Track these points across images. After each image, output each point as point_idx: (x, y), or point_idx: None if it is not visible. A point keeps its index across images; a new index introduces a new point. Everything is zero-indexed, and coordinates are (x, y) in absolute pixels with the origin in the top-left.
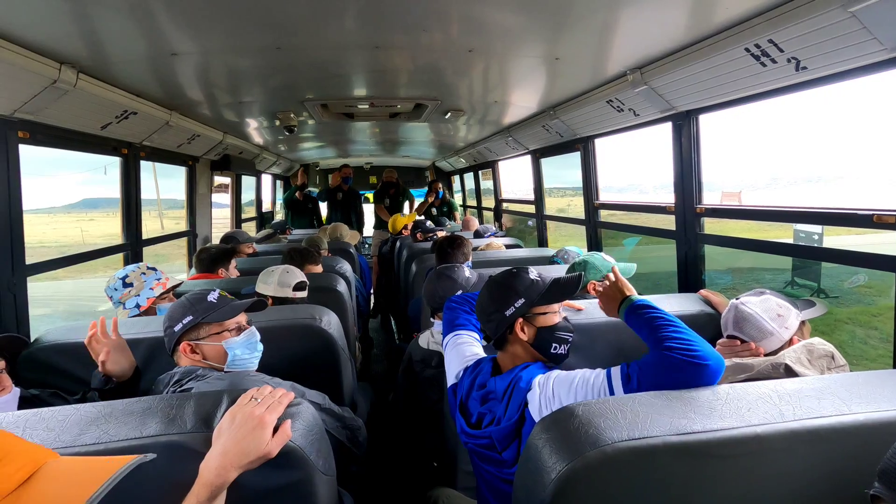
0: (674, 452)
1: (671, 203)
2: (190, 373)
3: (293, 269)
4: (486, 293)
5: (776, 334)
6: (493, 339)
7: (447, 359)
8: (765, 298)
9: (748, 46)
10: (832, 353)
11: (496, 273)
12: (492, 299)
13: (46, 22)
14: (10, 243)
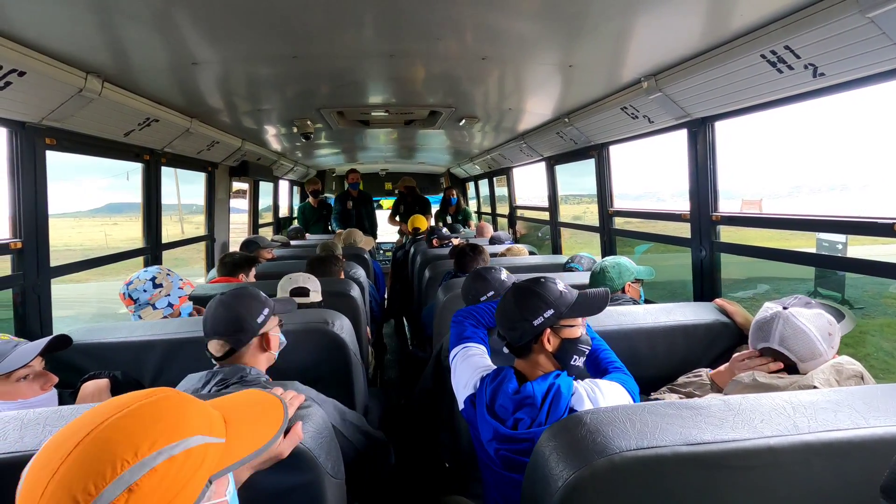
0: (684, 463)
1: (686, 211)
2: (238, 372)
3: (296, 276)
4: (512, 301)
5: (823, 356)
6: (514, 346)
7: (458, 370)
8: (818, 314)
9: (764, 53)
10: (861, 374)
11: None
12: (518, 307)
13: (74, 33)
14: (35, 246)
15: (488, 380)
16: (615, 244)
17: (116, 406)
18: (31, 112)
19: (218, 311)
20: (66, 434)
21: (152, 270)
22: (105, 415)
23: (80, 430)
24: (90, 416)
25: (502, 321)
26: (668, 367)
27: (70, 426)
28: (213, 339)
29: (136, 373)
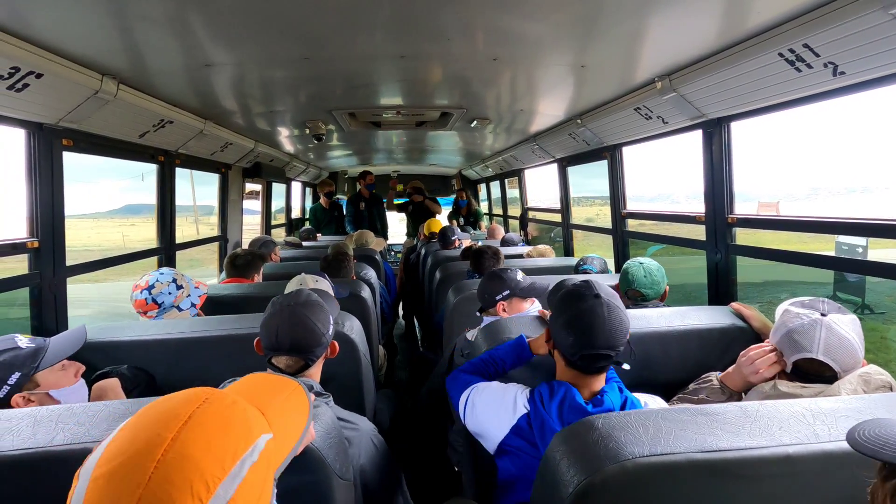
0: (698, 470)
1: (701, 213)
2: (308, 387)
3: (307, 277)
4: (622, 314)
5: (859, 364)
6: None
7: (479, 407)
8: (853, 319)
9: (782, 51)
10: (891, 384)
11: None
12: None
13: (90, 35)
14: (52, 245)
15: (543, 397)
16: (628, 246)
17: (173, 415)
18: (48, 113)
19: (295, 327)
20: (132, 457)
21: (168, 272)
22: (167, 428)
23: (148, 450)
24: (152, 433)
25: (622, 338)
26: (681, 371)
27: (127, 446)
28: (286, 355)
29: (152, 371)
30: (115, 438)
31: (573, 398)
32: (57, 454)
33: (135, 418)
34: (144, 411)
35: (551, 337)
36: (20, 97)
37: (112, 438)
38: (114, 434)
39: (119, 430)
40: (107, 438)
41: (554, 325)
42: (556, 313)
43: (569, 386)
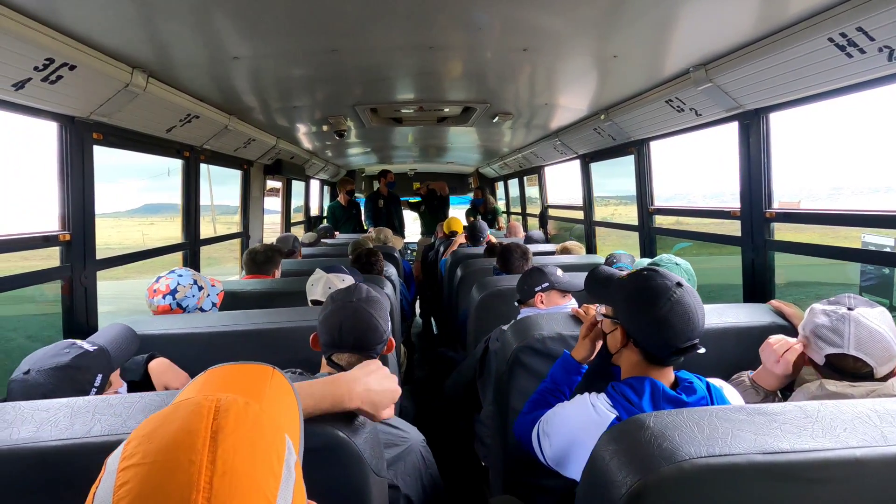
0: (760, 473)
1: (736, 208)
2: None
3: (334, 277)
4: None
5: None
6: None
7: (555, 429)
8: (882, 311)
9: (832, 36)
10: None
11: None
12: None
13: (121, 27)
14: (83, 238)
15: (628, 396)
16: (655, 243)
17: (189, 433)
18: (80, 106)
19: (359, 323)
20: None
21: (187, 273)
22: (194, 450)
23: (188, 481)
24: (184, 461)
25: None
26: (717, 371)
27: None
28: (349, 352)
29: (178, 365)
30: (126, 481)
31: (664, 390)
32: (95, 445)
33: (139, 449)
34: (146, 437)
35: (630, 336)
36: (54, 89)
37: (117, 483)
38: (112, 478)
39: (120, 469)
40: (104, 483)
41: (637, 323)
42: (638, 310)
43: (651, 379)
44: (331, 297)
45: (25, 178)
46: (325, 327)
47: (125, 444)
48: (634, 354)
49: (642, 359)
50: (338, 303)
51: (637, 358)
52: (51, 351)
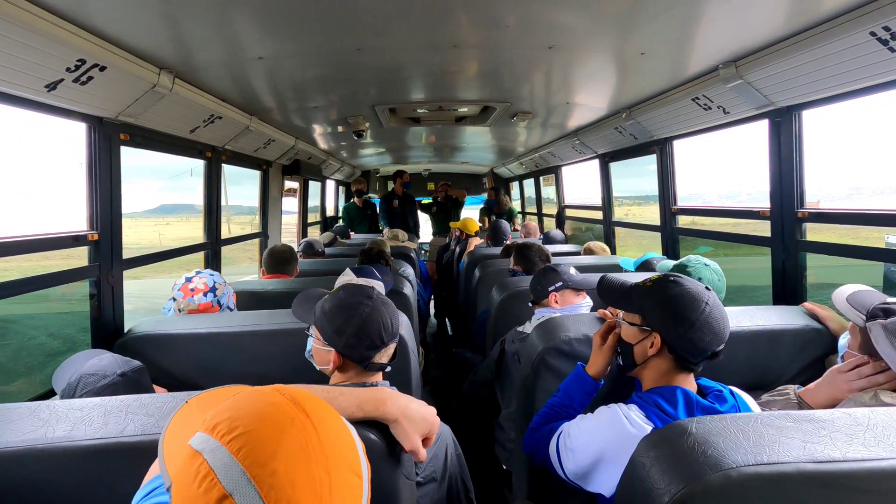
0: (810, 482)
1: (766, 208)
2: None
3: (363, 280)
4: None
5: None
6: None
7: (580, 442)
8: None
9: (874, 30)
10: None
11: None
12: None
13: (149, 27)
14: (110, 238)
15: (662, 406)
16: (678, 244)
17: (282, 408)
18: (108, 107)
19: (386, 316)
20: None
21: (216, 274)
22: (291, 413)
23: (292, 417)
24: (282, 413)
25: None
26: (750, 374)
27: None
28: (392, 342)
29: (198, 363)
30: (246, 443)
31: (696, 399)
32: (128, 444)
33: (238, 423)
34: (235, 415)
35: (666, 342)
36: (84, 90)
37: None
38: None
39: (232, 436)
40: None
41: (676, 329)
42: (677, 316)
43: (681, 388)
44: (349, 305)
45: (51, 179)
46: (368, 329)
47: (204, 429)
48: (665, 362)
49: (673, 366)
50: (366, 300)
51: (668, 366)
52: (118, 360)
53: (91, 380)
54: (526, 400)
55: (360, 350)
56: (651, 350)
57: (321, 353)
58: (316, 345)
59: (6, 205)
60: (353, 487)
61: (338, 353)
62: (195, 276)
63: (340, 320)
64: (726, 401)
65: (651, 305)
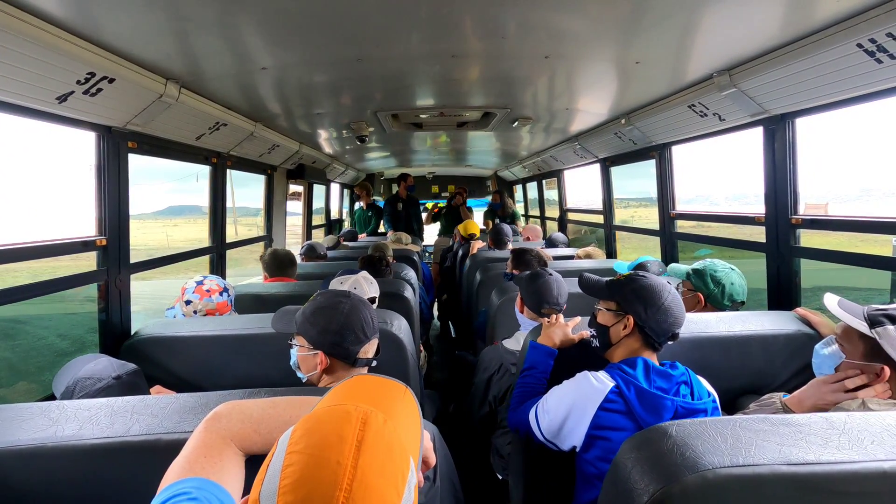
0: (784, 484)
1: (761, 213)
2: None
3: (355, 279)
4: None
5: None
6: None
7: (554, 403)
8: None
9: (861, 42)
10: None
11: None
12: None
13: (157, 41)
14: (118, 243)
15: (625, 370)
16: (677, 248)
17: (340, 439)
18: (117, 117)
19: (365, 312)
20: (319, 486)
21: (217, 277)
22: (343, 454)
23: (334, 481)
24: (332, 461)
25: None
26: (742, 379)
27: (311, 474)
28: (376, 337)
29: (203, 365)
30: (292, 463)
31: (653, 365)
32: (133, 444)
33: (302, 440)
34: (308, 431)
35: (637, 324)
36: (94, 101)
37: (285, 463)
38: (282, 456)
39: (288, 452)
40: (276, 459)
41: (647, 313)
42: (648, 302)
43: (642, 358)
44: (329, 305)
45: (60, 186)
46: (351, 324)
47: (293, 430)
48: (636, 341)
49: (642, 344)
50: (344, 299)
51: (637, 344)
52: (115, 363)
53: (87, 383)
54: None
55: (345, 346)
56: (624, 331)
57: (307, 360)
58: (301, 353)
59: (17, 210)
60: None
61: (324, 353)
62: (205, 280)
63: (323, 320)
64: (677, 368)
65: (625, 293)
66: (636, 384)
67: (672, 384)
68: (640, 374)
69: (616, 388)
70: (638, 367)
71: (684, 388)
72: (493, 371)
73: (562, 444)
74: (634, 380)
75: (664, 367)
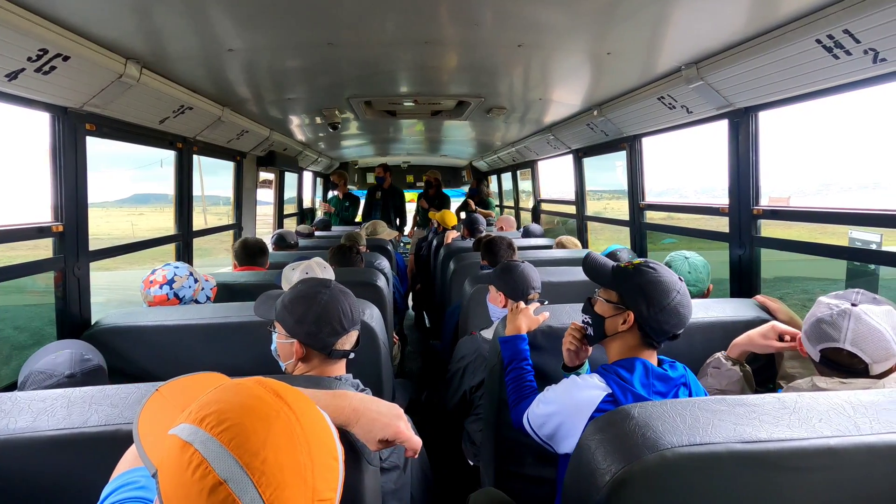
0: (738, 461)
1: (725, 204)
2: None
3: (307, 265)
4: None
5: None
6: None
7: (546, 407)
8: (888, 310)
9: (819, 37)
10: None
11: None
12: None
13: (115, 18)
14: (76, 230)
15: (621, 374)
16: (646, 239)
17: (262, 399)
18: (73, 97)
19: (345, 304)
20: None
21: (183, 266)
22: (273, 405)
23: (275, 409)
24: (264, 403)
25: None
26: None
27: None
28: (354, 329)
29: (168, 355)
30: (227, 429)
31: (652, 368)
32: (91, 435)
33: (226, 416)
34: (222, 409)
35: (637, 321)
36: (47, 80)
37: (217, 432)
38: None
39: (221, 428)
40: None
41: (651, 311)
42: (653, 300)
43: (641, 360)
44: (308, 295)
45: (16, 169)
46: (328, 315)
47: (191, 422)
48: (633, 338)
49: (640, 342)
50: (324, 289)
51: (635, 342)
52: (76, 358)
53: (38, 378)
54: (492, 390)
55: (321, 337)
56: (623, 326)
57: (285, 347)
58: (279, 339)
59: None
60: (332, 470)
61: (300, 342)
62: (160, 268)
63: (301, 310)
64: (677, 369)
65: (629, 287)
66: (633, 391)
67: (671, 387)
68: (637, 379)
69: (610, 396)
70: (636, 372)
71: (683, 390)
72: (470, 361)
73: (558, 448)
74: (632, 387)
75: (663, 370)
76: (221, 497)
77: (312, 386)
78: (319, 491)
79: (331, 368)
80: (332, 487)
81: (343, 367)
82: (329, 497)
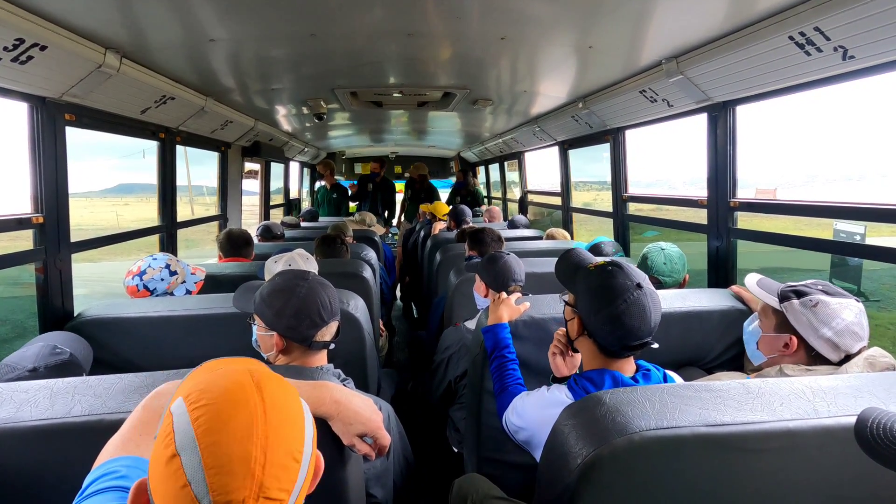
0: (702, 444)
1: (703, 197)
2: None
3: (290, 256)
4: (657, 296)
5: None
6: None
7: (522, 413)
8: (843, 303)
9: (792, 34)
10: (894, 365)
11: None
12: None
13: (94, 7)
14: (56, 221)
15: (588, 389)
16: (629, 230)
17: (238, 382)
18: (51, 87)
19: (323, 295)
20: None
21: (162, 258)
22: (244, 389)
23: (244, 393)
24: (236, 385)
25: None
26: (682, 353)
27: (220, 392)
28: (334, 320)
29: (152, 347)
30: (200, 416)
31: (621, 379)
32: (75, 425)
33: (203, 396)
34: (206, 389)
35: (585, 328)
36: (24, 70)
37: (192, 417)
38: (185, 417)
39: (191, 410)
40: (180, 421)
41: (593, 319)
42: (595, 306)
43: (610, 372)
44: (286, 288)
45: None
46: (307, 308)
47: (182, 395)
48: (591, 345)
49: (598, 352)
50: (302, 282)
51: (594, 349)
52: (44, 351)
53: (2, 370)
54: (475, 378)
55: (300, 330)
56: (577, 332)
57: (265, 340)
58: (259, 332)
59: None
60: (288, 470)
61: (280, 335)
62: (141, 259)
63: (279, 303)
64: (651, 379)
65: (581, 289)
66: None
67: None
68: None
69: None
70: (604, 386)
71: None
72: (454, 351)
73: (532, 453)
74: None
75: (635, 381)
76: (174, 468)
77: (294, 376)
78: (267, 488)
79: (312, 359)
80: (283, 488)
81: (324, 358)
82: (279, 497)
